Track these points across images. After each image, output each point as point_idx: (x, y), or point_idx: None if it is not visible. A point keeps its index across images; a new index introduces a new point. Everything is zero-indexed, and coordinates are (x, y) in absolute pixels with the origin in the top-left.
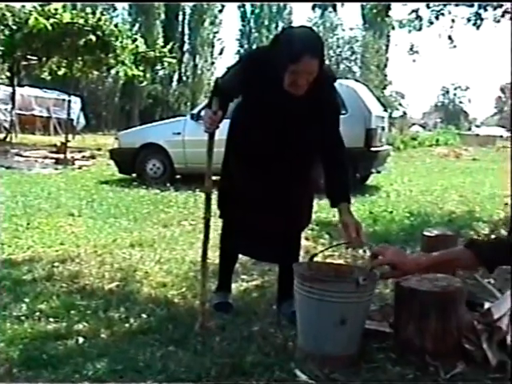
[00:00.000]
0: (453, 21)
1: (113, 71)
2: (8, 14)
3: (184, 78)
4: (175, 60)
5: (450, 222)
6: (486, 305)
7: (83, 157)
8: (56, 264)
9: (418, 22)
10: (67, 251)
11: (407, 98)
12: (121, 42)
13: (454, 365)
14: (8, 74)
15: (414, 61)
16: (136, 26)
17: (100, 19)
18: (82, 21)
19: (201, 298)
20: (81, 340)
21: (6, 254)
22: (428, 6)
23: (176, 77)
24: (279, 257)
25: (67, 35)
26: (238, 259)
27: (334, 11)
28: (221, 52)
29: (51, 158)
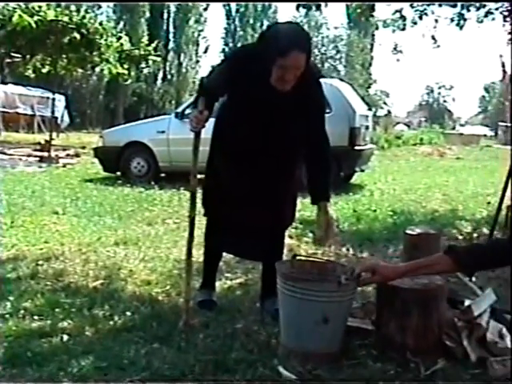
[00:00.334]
0: (436, 21)
1: (97, 69)
2: None
3: (169, 77)
4: (160, 58)
5: (432, 221)
6: (467, 302)
7: (67, 155)
8: (40, 262)
9: (401, 22)
10: (51, 249)
11: (392, 97)
12: (105, 39)
13: (435, 361)
14: None
15: (398, 60)
16: (121, 24)
17: (84, 17)
18: (66, 18)
19: (185, 296)
20: (65, 338)
21: None
22: (412, 6)
23: (161, 75)
24: (263, 255)
25: (51, 33)
26: (222, 257)
27: (318, 10)
28: (206, 50)
29: (35, 156)
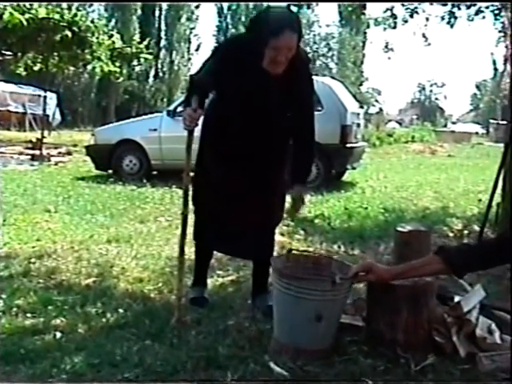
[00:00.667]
0: (427, 19)
1: (89, 67)
2: None
3: (160, 74)
4: (152, 56)
5: (423, 218)
6: (456, 298)
7: (59, 153)
8: (33, 260)
9: (392, 20)
10: (44, 247)
11: (384, 95)
12: (97, 37)
13: (425, 357)
14: None
15: (389, 58)
16: (112, 22)
17: (76, 15)
18: (57, 16)
19: (177, 293)
20: (58, 335)
21: None
22: (403, 4)
23: (152, 73)
24: (254, 253)
25: (43, 30)
26: (214, 255)
27: (309, 9)
28: (197, 48)
29: (27, 155)
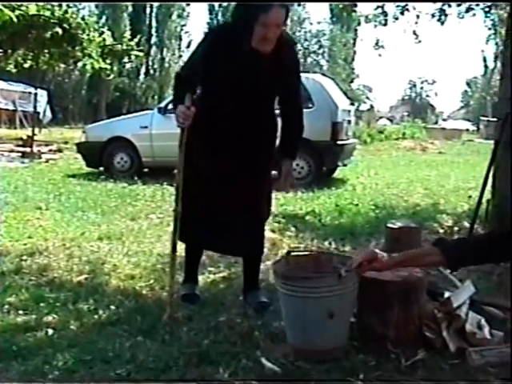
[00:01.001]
0: (417, 16)
1: (79, 64)
2: None
3: (151, 71)
4: (142, 53)
5: (414, 215)
6: (446, 294)
7: (50, 150)
8: (24, 257)
9: (383, 18)
10: (35, 245)
11: (375, 92)
12: (88, 34)
13: (415, 352)
14: None
15: (380, 55)
16: (103, 19)
17: (66, 11)
18: (48, 13)
19: (169, 290)
20: (50, 332)
21: None
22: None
23: (143, 70)
24: (243, 249)
25: (33, 27)
26: (204, 252)
27: (300, 6)
28: (188, 45)
29: (17, 152)
